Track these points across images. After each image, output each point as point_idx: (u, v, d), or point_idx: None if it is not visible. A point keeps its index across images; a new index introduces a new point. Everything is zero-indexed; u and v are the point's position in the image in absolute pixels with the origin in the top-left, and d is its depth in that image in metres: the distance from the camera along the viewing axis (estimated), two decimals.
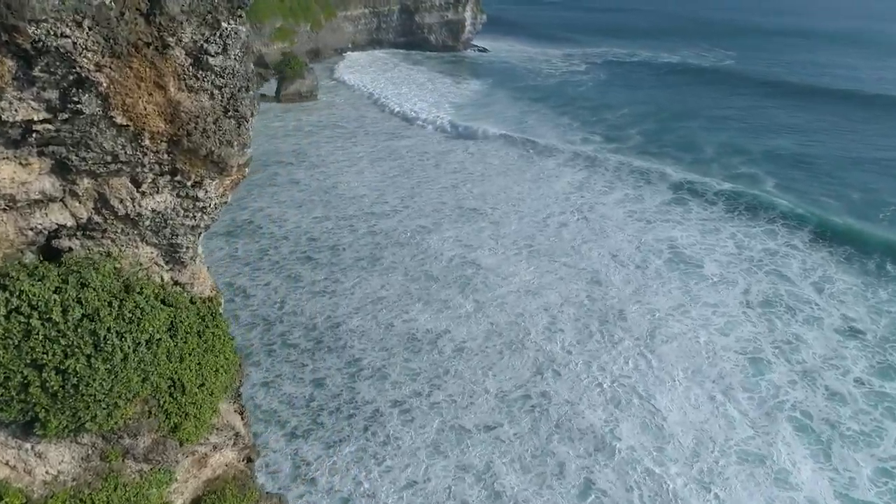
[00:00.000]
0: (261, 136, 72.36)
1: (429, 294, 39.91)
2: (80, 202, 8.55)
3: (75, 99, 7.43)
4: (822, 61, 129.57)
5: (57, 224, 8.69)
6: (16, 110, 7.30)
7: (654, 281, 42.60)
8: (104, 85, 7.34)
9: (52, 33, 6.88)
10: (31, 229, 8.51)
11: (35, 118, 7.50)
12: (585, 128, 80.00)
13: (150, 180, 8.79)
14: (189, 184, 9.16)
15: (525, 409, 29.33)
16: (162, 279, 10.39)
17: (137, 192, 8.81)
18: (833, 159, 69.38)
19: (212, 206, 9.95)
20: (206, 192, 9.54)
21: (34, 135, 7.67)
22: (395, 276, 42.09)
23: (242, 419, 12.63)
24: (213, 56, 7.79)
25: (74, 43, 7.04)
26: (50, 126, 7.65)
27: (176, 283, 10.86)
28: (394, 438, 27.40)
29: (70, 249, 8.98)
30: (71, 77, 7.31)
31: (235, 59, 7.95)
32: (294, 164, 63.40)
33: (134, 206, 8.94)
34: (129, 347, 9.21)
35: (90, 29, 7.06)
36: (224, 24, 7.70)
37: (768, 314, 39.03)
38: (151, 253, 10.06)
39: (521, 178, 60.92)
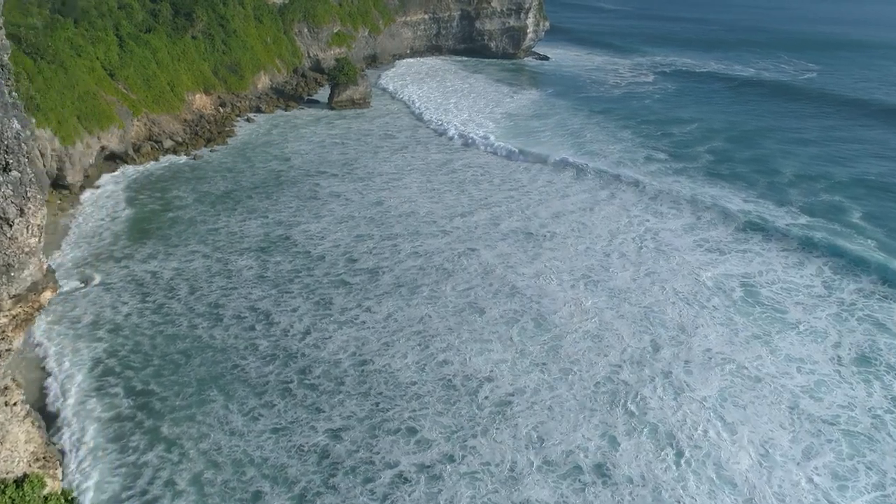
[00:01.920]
0: (307, 143, 69.83)
1: (472, 331, 35.84)
2: None
3: None
4: None
5: None
6: None
7: (727, 326, 37.40)
8: None
9: None
10: None
11: None
12: (649, 143, 74.38)
13: None
14: None
15: (576, 488, 24.93)
16: None
17: None
18: None
19: None
20: None
21: None
22: (436, 307, 38.19)
23: None
24: None
25: None
26: None
27: None
28: None
29: None
30: None
31: None
32: (339, 175, 60.34)
33: None
34: None
35: None
36: None
37: (865, 373, 33.41)
38: None
39: (580, 200, 56.19)
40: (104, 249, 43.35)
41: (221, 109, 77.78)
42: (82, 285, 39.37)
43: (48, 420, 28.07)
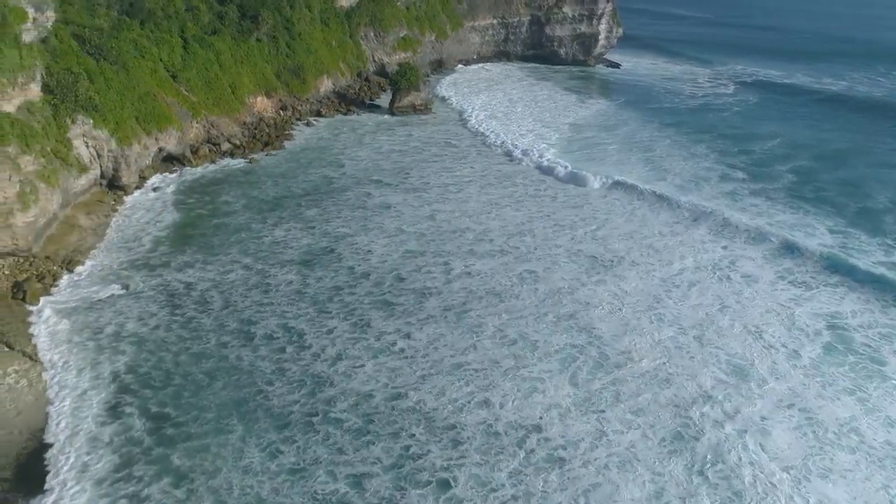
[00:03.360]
0: (363, 149, 67.78)
1: (522, 367, 32.34)
2: None
3: None
4: None
5: None
6: None
7: (813, 378, 32.65)
8: None
9: None
10: None
11: None
12: (725, 160, 68.67)
13: None
14: None
15: None
16: None
17: None
18: None
19: None
20: None
21: None
22: (484, 337, 34.87)
23: None
24: None
25: None
26: None
27: None
28: None
29: None
30: None
31: None
32: (392, 184, 57.81)
33: None
34: None
35: None
36: None
37: None
38: None
39: (648, 222, 51.72)
40: (142, 255, 41.97)
41: (282, 113, 76.83)
42: (123, 290, 38.09)
43: (50, 438, 26.43)
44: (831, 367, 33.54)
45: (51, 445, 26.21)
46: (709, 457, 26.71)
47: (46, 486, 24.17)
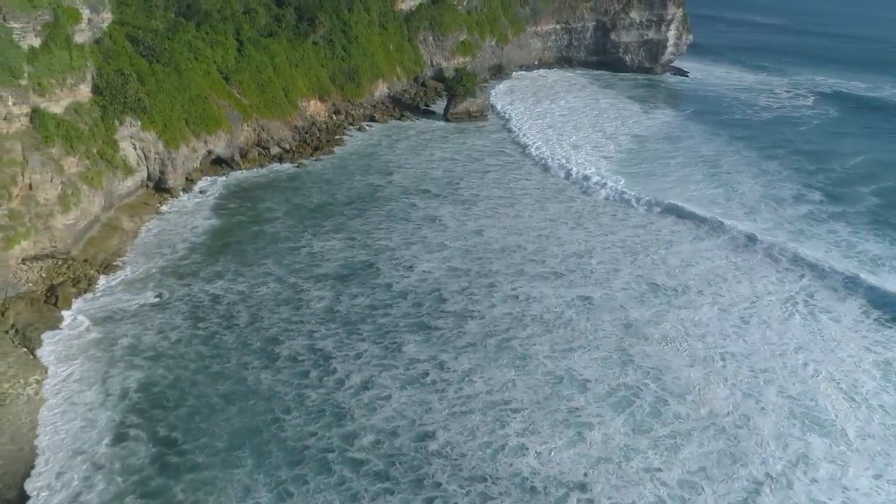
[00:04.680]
0: (414, 156, 65.31)
1: (567, 410, 28.98)
2: None
3: None
4: None
5: None
6: None
7: None
8: None
9: None
10: None
11: None
12: (800, 178, 63.37)
13: None
14: None
15: None
16: None
17: None
18: None
19: None
20: None
21: None
22: (526, 371, 31.66)
23: None
24: None
25: None
26: None
27: None
28: None
29: None
30: None
31: None
32: (440, 195, 55.07)
33: None
34: None
35: None
36: None
37: None
38: None
39: (714, 246, 47.36)
40: (173, 262, 40.43)
41: (335, 117, 75.42)
42: (156, 299, 36.67)
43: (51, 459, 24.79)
44: None
45: (50, 467, 24.58)
46: None
47: None
